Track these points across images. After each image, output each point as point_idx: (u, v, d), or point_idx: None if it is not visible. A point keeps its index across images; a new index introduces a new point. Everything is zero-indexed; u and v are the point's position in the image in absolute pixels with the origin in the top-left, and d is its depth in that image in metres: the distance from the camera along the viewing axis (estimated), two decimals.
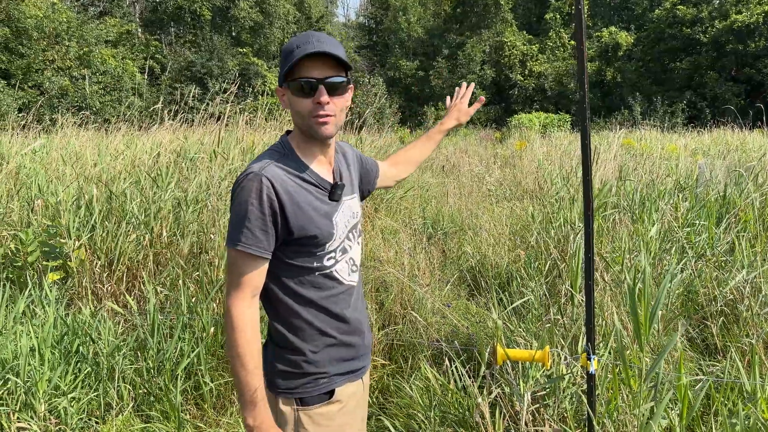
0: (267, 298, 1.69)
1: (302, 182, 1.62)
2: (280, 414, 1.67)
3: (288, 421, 1.66)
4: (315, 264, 1.65)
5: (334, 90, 1.60)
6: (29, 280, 4.12)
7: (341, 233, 1.69)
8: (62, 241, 4.17)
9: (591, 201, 2.08)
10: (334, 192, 1.68)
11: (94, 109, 22.28)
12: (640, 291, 2.39)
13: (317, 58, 1.57)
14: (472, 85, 2.35)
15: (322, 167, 1.71)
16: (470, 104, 2.35)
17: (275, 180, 1.55)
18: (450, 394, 3.04)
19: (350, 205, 1.76)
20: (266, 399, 1.58)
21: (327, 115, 1.59)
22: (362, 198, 2.01)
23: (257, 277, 1.59)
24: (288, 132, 1.75)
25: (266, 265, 1.61)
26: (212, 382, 3.41)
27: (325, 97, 1.57)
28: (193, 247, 4.42)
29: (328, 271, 1.68)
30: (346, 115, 1.79)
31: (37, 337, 3.09)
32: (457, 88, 2.35)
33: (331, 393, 1.70)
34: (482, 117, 35.09)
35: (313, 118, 1.59)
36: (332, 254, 1.68)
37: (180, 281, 3.83)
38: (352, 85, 1.72)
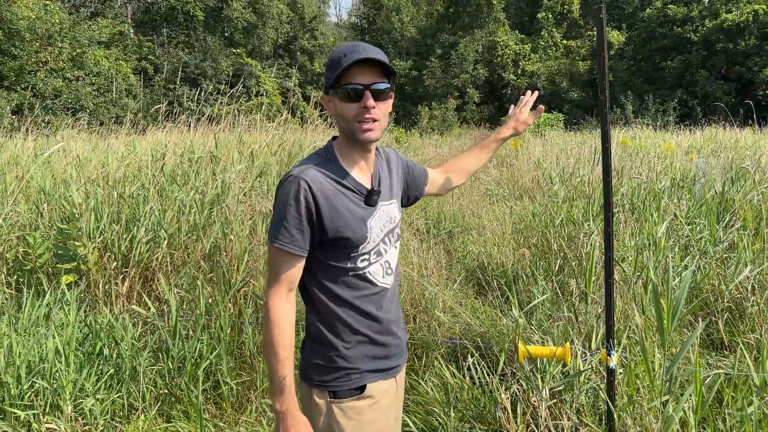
0: (306, 294, 1.79)
1: (340, 186, 1.70)
2: (315, 405, 1.76)
3: (321, 412, 1.75)
4: (348, 265, 1.73)
5: (379, 95, 1.70)
6: (45, 284, 4.16)
7: (375, 237, 1.76)
8: (77, 243, 4.21)
9: (611, 202, 2.16)
10: (370, 197, 1.76)
11: (88, 110, 22.19)
12: (662, 289, 2.48)
13: (364, 65, 1.67)
14: (536, 93, 2.31)
15: (362, 173, 1.78)
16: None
17: (313, 183, 1.65)
18: (467, 391, 3.12)
19: (387, 211, 1.82)
20: (293, 387, 1.69)
21: (373, 120, 1.69)
22: (409, 203, 2.08)
23: (293, 272, 1.69)
24: (334, 138, 1.83)
25: (302, 262, 1.71)
26: (231, 381, 3.48)
27: (371, 102, 1.67)
28: (207, 248, 4.47)
29: (361, 272, 1.75)
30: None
31: (62, 339, 3.14)
32: (522, 96, 2.28)
33: (362, 388, 1.77)
34: (476, 116, 35.21)
35: (358, 122, 1.68)
36: (366, 256, 1.75)
37: (198, 282, 3.88)
38: (393, 92, 1.81)
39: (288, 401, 1.67)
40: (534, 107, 2.29)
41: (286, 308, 1.68)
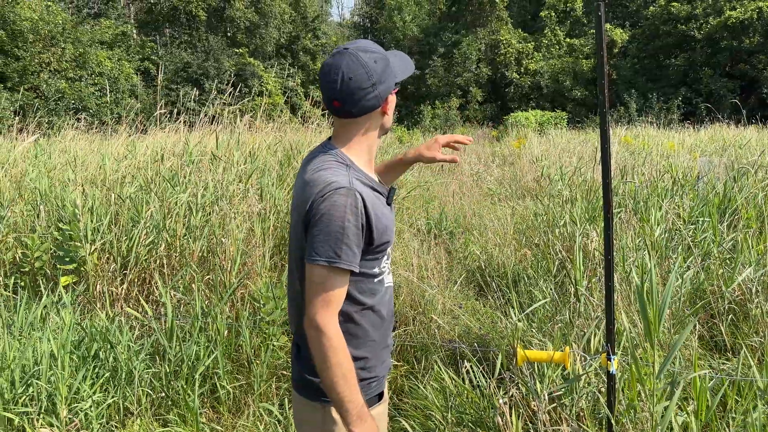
0: None
1: (373, 191, 1.65)
2: (331, 421, 1.65)
3: (340, 428, 1.61)
4: (376, 270, 1.67)
5: None
6: (42, 286, 4.13)
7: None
8: (77, 245, 4.18)
9: (611, 204, 2.12)
10: (390, 197, 1.73)
11: (91, 111, 22.18)
12: (648, 290, 2.43)
13: None
14: (470, 141, 2.09)
15: (373, 174, 1.74)
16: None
17: (365, 195, 1.56)
18: (466, 395, 3.08)
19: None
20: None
21: None
22: None
23: (345, 292, 1.58)
24: (329, 140, 1.73)
25: None
26: (228, 385, 3.44)
27: None
28: (203, 251, 4.44)
29: (382, 276, 1.70)
30: None
31: (56, 342, 3.11)
32: (459, 139, 2.05)
33: (381, 395, 1.73)
34: (479, 115, 35.10)
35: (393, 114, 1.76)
36: (387, 258, 1.72)
37: (194, 284, 3.85)
38: None
39: (372, 427, 1.56)
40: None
41: (340, 331, 1.55)
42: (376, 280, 1.67)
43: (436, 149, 2.01)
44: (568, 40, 38.13)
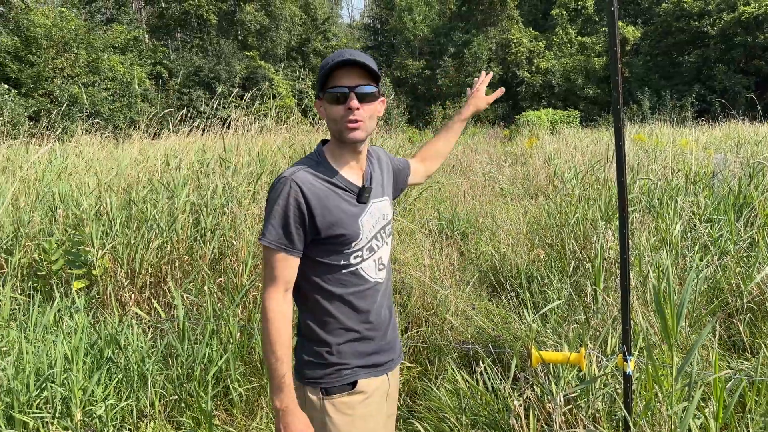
0: (298, 293, 1.83)
1: (332, 186, 1.76)
2: (309, 401, 1.81)
3: (316, 407, 1.80)
4: (342, 262, 1.79)
5: (364, 98, 1.76)
6: (55, 290, 4.15)
7: (368, 233, 1.82)
8: (86, 249, 4.20)
9: (626, 203, 2.08)
10: (361, 195, 1.82)
11: (104, 115, 22.36)
12: (665, 290, 2.39)
13: (349, 69, 1.74)
14: (491, 74, 2.41)
15: (353, 172, 1.84)
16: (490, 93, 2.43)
17: (304, 184, 1.70)
18: (480, 396, 3.05)
19: (379, 207, 1.88)
20: (292, 385, 1.72)
21: (356, 120, 1.74)
22: (395, 197, 2.13)
23: (287, 272, 1.73)
24: (324, 141, 1.88)
25: (296, 262, 1.75)
26: (241, 387, 3.44)
27: (355, 103, 1.72)
28: (214, 253, 4.44)
29: (354, 268, 1.81)
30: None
31: (70, 345, 3.12)
32: (476, 78, 2.40)
33: (354, 384, 1.81)
34: (490, 115, 34.99)
35: (344, 123, 1.74)
36: (359, 253, 1.81)
37: (206, 287, 3.85)
38: (383, 98, 1.86)
39: (287, 399, 1.71)
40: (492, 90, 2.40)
41: (282, 307, 1.71)
42: (344, 271, 1.79)
43: (483, 97, 2.31)
44: (579, 38, 37.92)
